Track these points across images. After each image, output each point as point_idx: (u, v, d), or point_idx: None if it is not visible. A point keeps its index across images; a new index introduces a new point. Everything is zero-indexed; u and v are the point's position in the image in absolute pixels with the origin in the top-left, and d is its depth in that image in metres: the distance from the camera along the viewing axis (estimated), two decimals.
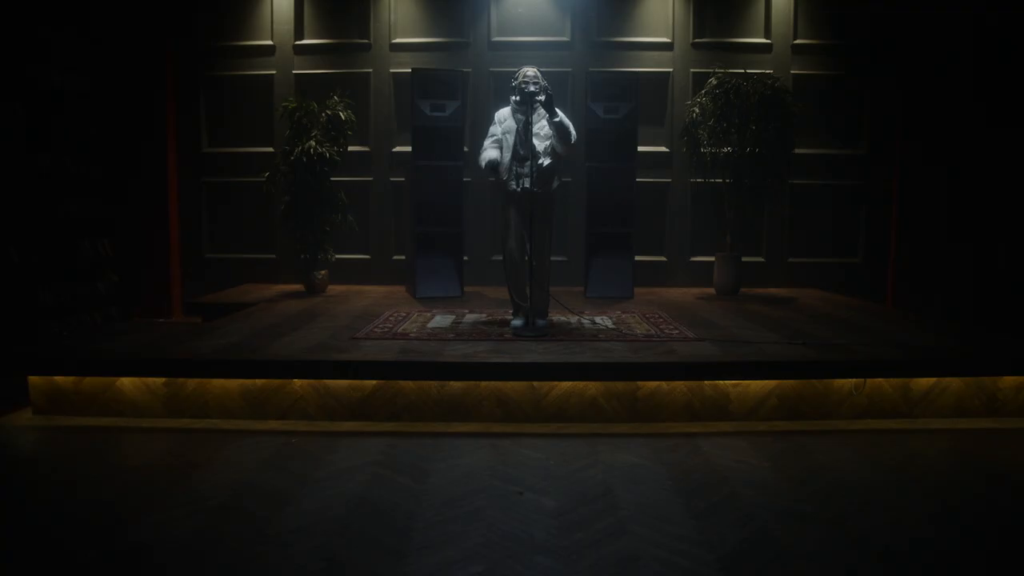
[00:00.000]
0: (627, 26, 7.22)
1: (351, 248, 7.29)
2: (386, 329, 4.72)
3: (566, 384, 3.87)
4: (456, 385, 3.87)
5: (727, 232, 6.73)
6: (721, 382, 3.90)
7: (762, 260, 7.38)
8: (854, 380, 3.94)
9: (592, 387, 3.88)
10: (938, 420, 3.95)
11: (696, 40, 7.18)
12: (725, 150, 6.52)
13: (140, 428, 3.84)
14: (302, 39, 7.30)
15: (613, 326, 4.87)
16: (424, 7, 7.25)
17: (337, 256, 6.94)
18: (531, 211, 4.52)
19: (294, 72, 7.30)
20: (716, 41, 7.19)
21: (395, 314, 5.39)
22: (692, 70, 7.18)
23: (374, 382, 3.89)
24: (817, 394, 3.96)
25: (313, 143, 6.39)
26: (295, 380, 3.91)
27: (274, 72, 7.32)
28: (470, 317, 5.24)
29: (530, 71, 4.62)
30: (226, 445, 3.60)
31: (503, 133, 4.74)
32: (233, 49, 7.33)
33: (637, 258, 6.61)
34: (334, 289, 6.94)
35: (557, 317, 5.15)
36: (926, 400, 3.98)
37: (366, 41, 7.26)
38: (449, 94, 6.30)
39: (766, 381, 3.92)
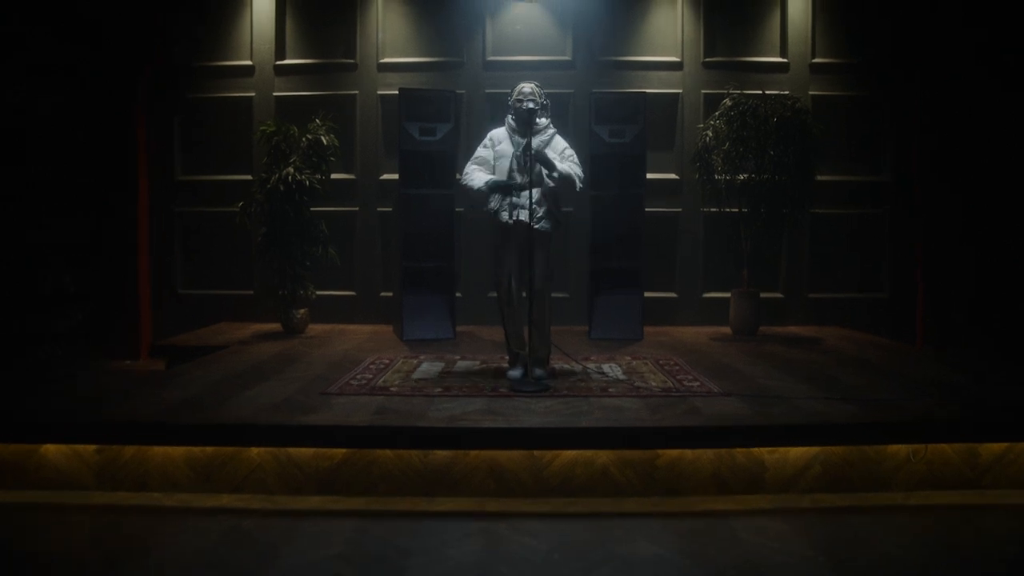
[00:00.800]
0: (633, 44, 6.72)
1: (335, 284, 6.71)
2: (364, 381, 4.12)
3: (571, 452, 3.26)
4: (442, 453, 3.27)
5: (744, 266, 6.17)
6: (755, 449, 3.30)
7: (780, 296, 6.80)
8: (912, 445, 3.34)
9: (602, 455, 3.27)
10: (1016, 492, 3.33)
11: (707, 59, 6.68)
12: (740, 177, 5.98)
13: (64, 506, 3.22)
14: (284, 59, 6.80)
15: (624, 376, 4.28)
16: (414, 24, 6.77)
17: (319, 292, 6.36)
18: (529, 245, 3.95)
19: (275, 94, 6.79)
20: (729, 60, 6.69)
21: (377, 361, 4.79)
22: (703, 91, 6.67)
23: (344, 450, 3.28)
24: (867, 460, 3.35)
25: (291, 170, 5.85)
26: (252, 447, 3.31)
27: (253, 94, 6.81)
28: (461, 365, 4.65)
29: (527, 87, 4.11)
30: (162, 529, 2.99)
31: (496, 158, 4.20)
32: (210, 70, 6.82)
33: (645, 294, 6.03)
34: (315, 329, 6.35)
35: (560, 364, 4.55)
36: (997, 468, 3.38)
37: (352, 61, 6.76)
38: (440, 116, 5.77)
39: (807, 447, 3.32)
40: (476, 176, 4.16)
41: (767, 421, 3.35)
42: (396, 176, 6.11)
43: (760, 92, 5.93)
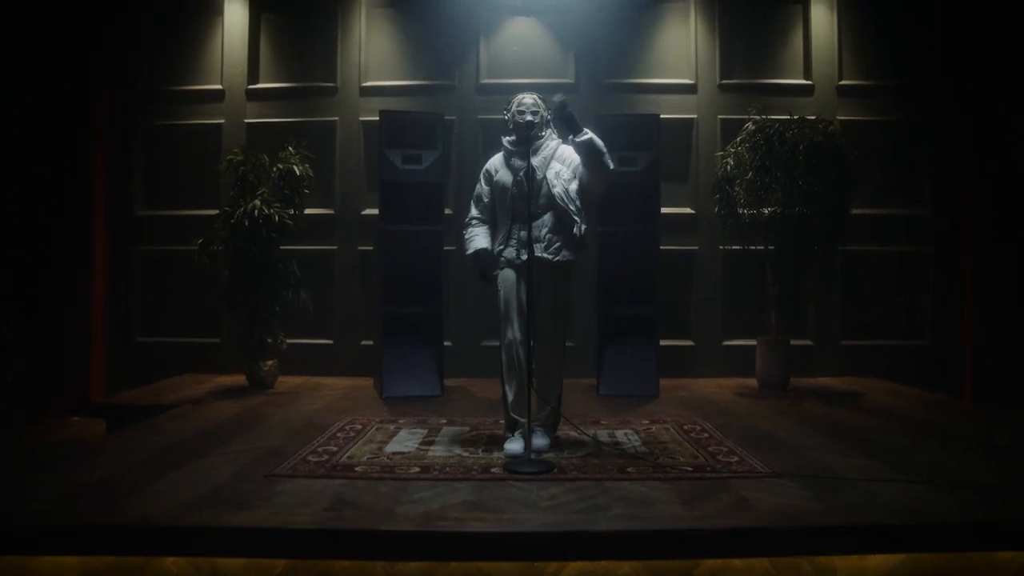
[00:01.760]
0: (642, 65, 6.09)
1: (310, 331, 5.96)
2: (325, 457, 3.35)
3: (583, 562, 2.49)
4: (414, 564, 2.49)
5: (771, 310, 5.44)
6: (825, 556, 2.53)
7: (810, 343, 6.05)
8: None
9: (624, 566, 2.49)
10: None
11: (723, 81, 6.05)
12: (766, 211, 5.30)
13: None
14: (256, 83, 6.17)
15: (644, 448, 3.51)
16: (401, 45, 6.15)
17: (293, 341, 5.63)
18: (542, 283, 3.28)
19: (246, 121, 6.13)
20: (747, 82, 6.06)
21: (349, 426, 4.03)
22: (720, 116, 6.02)
23: (285, 560, 2.51)
24: (972, 571, 2.57)
25: (258, 202, 5.15)
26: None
27: (222, 121, 6.16)
28: (447, 432, 3.88)
29: (528, 98, 3.50)
30: None
31: (495, 191, 3.55)
32: (175, 95, 6.19)
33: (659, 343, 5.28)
34: (286, 382, 5.59)
35: (565, 432, 3.78)
36: None
37: (332, 84, 6.12)
38: (426, 142, 5.10)
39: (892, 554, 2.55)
40: (473, 237, 3.60)
41: (839, 519, 2.58)
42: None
43: (788, 117, 5.25)
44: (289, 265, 5.35)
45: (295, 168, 5.33)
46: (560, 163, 3.50)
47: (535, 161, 3.41)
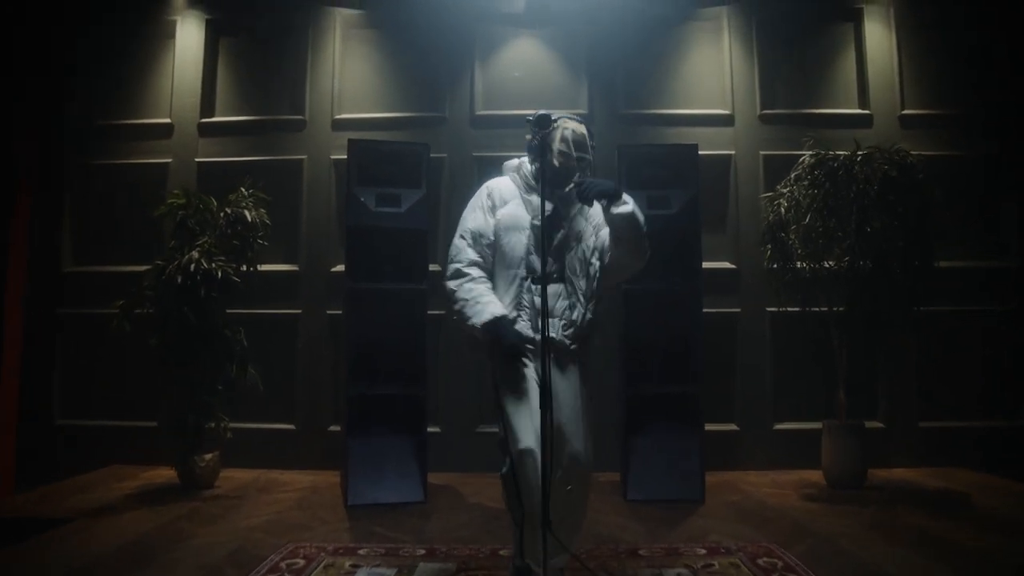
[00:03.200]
0: (667, 94, 5.15)
1: (267, 414, 4.87)
2: None
3: None
4: None
5: (841, 386, 4.35)
6: None
7: (881, 425, 4.93)
8: None
9: None
10: None
11: (765, 111, 5.09)
12: (827, 264, 4.27)
13: None
14: (211, 116, 5.23)
15: None
16: (382, 71, 5.22)
17: (244, 425, 4.60)
18: (558, 381, 2.24)
19: (197, 160, 5.17)
20: (793, 112, 5.10)
21: (288, 560, 2.89)
22: (762, 152, 5.04)
23: None
24: None
25: (196, 254, 4.12)
26: None
27: (170, 160, 5.19)
28: (424, 573, 2.73)
29: (578, 127, 2.47)
30: None
31: (502, 229, 2.46)
32: (115, 130, 5.24)
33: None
34: (232, 478, 4.48)
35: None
36: None
37: (299, 117, 5.17)
38: (407, 179, 4.10)
39: None
40: (480, 297, 2.38)
41: None
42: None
43: (854, 152, 4.26)
44: (235, 334, 4.28)
45: (247, 213, 4.34)
46: (585, 221, 2.52)
47: (564, 209, 2.50)
